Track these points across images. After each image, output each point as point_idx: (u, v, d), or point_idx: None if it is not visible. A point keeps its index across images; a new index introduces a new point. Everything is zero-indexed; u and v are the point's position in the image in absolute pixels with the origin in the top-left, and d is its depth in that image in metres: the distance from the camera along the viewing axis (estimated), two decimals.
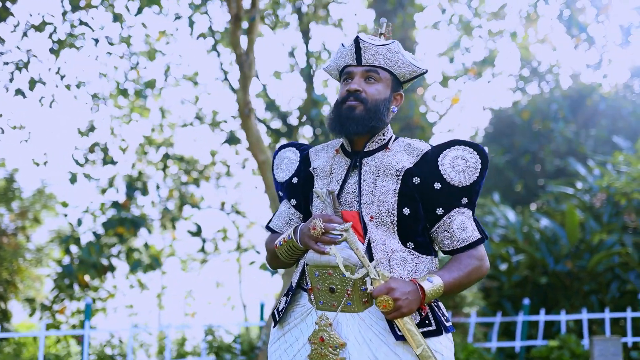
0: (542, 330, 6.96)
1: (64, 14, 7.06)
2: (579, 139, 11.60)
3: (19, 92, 6.93)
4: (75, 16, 7.13)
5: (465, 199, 2.25)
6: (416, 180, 2.23)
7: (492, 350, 6.79)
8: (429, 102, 11.34)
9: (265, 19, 8.99)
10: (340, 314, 2.20)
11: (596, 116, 12.03)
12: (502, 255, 7.93)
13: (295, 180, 2.45)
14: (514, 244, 8.09)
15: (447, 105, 11.23)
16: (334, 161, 2.37)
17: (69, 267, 7.25)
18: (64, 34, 7.10)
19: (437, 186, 2.23)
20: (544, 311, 7.00)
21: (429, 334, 2.17)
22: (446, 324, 2.24)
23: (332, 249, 2.10)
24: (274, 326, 2.41)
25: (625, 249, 7.41)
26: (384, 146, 2.33)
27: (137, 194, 8.47)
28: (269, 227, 2.53)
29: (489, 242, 8.17)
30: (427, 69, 2.36)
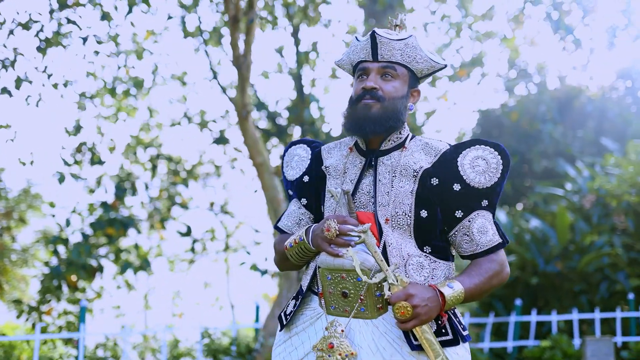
0: (534, 330, 6.98)
1: (51, 12, 6.98)
2: (566, 140, 11.66)
3: (5, 90, 6.85)
4: (62, 14, 7.05)
5: (485, 201, 2.16)
6: (434, 181, 2.14)
7: (485, 350, 6.79)
8: (418, 103, 11.31)
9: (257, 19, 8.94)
10: (352, 320, 2.10)
11: (583, 118, 12.10)
12: None
13: (306, 178, 2.34)
14: None
15: (434, 105, 11.23)
16: (348, 160, 2.27)
17: (58, 268, 7.14)
18: (51, 32, 7.02)
19: (456, 188, 2.13)
20: (535, 312, 7.03)
21: (446, 344, 2.07)
22: (463, 332, 2.13)
23: (348, 251, 2.00)
24: (281, 330, 2.31)
25: (614, 250, 7.45)
26: (400, 145, 2.23)
27: (127, 194, 8.37)
28: (277, 227, 2.42)
29: None
30: (445, 64, 2.27)
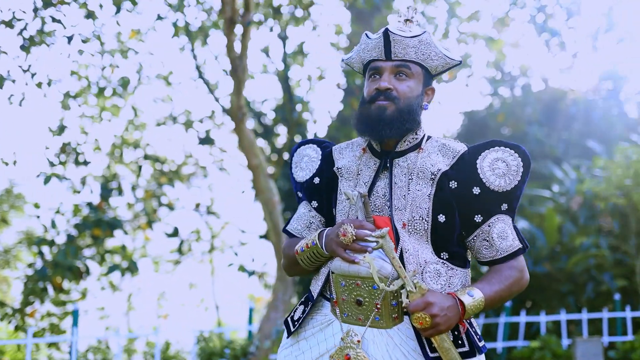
0: (523, 331, 7.01)
1: (35, 10, 6.88)
2: (551, 142, 11.73)
3: None
4: (47, 13, 6.95)
5: (505, 205, 2.07)
6: (453, 184, 2.06)
7: None
8: None
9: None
10: (367, 330, 2.02)
11: (567, 120, 12.19)
12: None
13: (316, 180, 2.24)
14: None
15: None
16: (361, 161, 2.17)
17: (44, 269, 7.01)
18: (35, 30, 6.91)
19: (475, 191, 2.05)
20: (524, 312, 7.06)
21: (462, 356, 1.99)
22: (479, 343, 2.05)
23: (366, 257, 1.92)
24: (288, 337, 2.23)
25: (601, 252, 7.51)
26: (416, 146, 2.13)
27: (112, 195, 8.26)
28: (286, 231, 2.33)
29: None
30: (460, 60, 2.19)
